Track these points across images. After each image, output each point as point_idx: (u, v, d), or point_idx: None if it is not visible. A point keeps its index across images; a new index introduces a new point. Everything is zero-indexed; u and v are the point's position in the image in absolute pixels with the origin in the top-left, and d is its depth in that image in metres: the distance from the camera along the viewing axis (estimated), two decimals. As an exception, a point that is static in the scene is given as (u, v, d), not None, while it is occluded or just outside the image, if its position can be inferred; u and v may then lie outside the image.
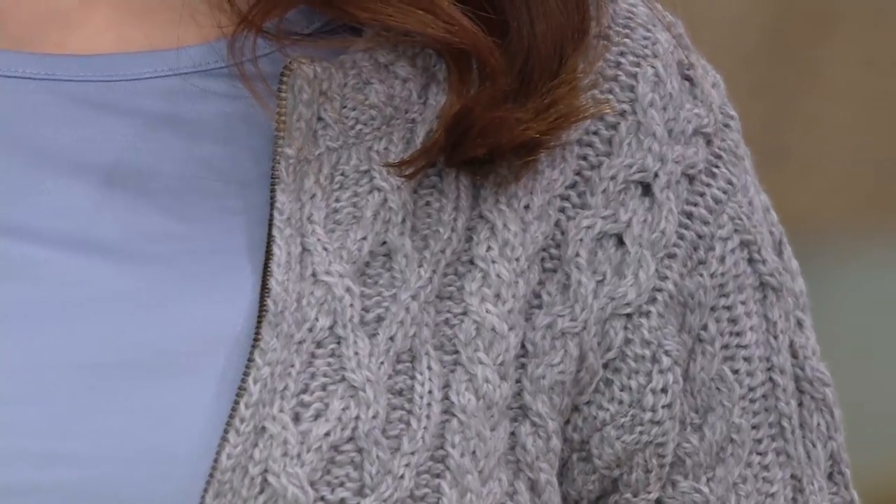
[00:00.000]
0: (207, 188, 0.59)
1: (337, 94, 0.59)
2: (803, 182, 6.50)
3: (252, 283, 0.57)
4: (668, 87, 0.63)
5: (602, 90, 0.62)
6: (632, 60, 0.64)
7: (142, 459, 0.52)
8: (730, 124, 0.67)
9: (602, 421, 0.62)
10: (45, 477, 0.52)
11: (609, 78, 0.63)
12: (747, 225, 0.65)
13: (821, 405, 0.69)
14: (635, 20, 0.65)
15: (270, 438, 0.53)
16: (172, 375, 0.54)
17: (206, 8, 0.61)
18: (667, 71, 0.64)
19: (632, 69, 0.63)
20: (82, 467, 0.52)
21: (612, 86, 0.63)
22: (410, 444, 0.55)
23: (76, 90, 0.60)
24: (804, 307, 0.69)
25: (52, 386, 0.53)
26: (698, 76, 0.66)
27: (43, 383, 0.54)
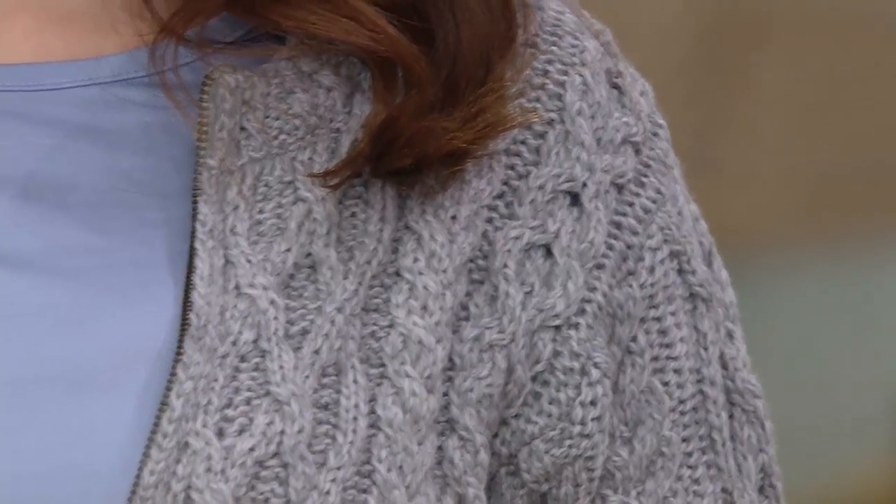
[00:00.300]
0: (128, 200, 0.58)
1: (260, 104, 0.59)
2: (736, 193, 6.50)
3: (174, 296, 0.56)
4: (597, 96, 0.63)
5: (529, 99, 0.62)
6: (559, 69, 0.63)
7: (62, 476, 0.51)
8: (658, 133, 0.67)
9: (531, 434, 0.62)
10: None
11: (536, 86, 0.62)
12: (677, 235, 0.65)
13: (751, 417, 0.68)
14: (563, 28, 0.65)
15: (194, 454, 0.52)
16: (93, 391, 0.53)
17: (127, 16, 0.60)
18: (595, 79, 0.64)
19: (559, 77, 0.63)
20: (2, 485, 0.51)
21: (539, 94, 0.62)
22: (336, 458, 0.55)
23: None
24: (734, 318, 0.69)
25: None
26: (627, 84, 0.66)
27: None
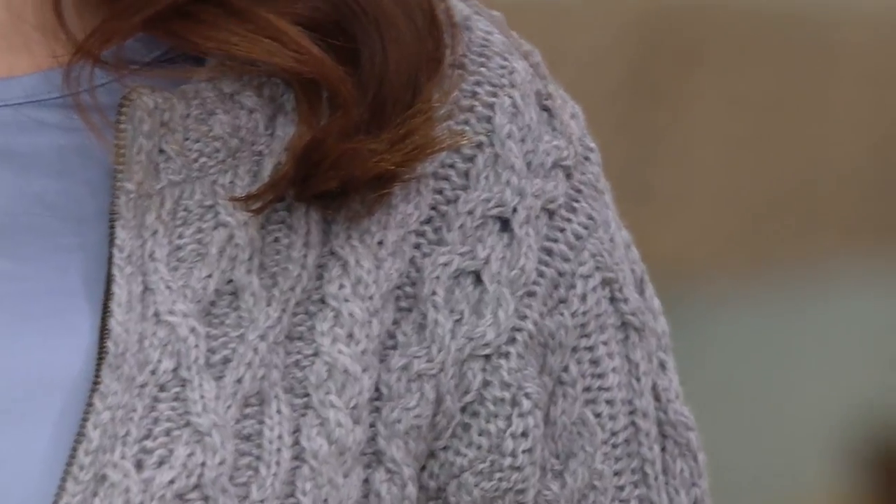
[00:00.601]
0: (41, 225, 0.56)
1: (179, 126, 0.57)
2: (667, 222, 6.57)
3: (91, 323, 0.54)
4: (527, 118, 0.62)
5: (458, 121, 0.61)
6: (488, 90, 0.62)
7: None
8: (590, 157, 0.66)
9: (460, 467, 0.60)
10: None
11: (465, 108, 0.61)
12: (609, 262, 0.64)
13: (684, 450, 0.67)
14: (491, 48, 0.64)
15: (111, 487, 0.50)
16: (6, 422, 0.52)
17: (40, 36, 0.58)
18: (525, 101, 0.63)
19: (488, 99, 0.62)
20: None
21: (468, 117, 0.61)
22: (259, 491, 0.53)
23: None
24: (666, 348, 0.68)
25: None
26: (557, 107, 0.65)
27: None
